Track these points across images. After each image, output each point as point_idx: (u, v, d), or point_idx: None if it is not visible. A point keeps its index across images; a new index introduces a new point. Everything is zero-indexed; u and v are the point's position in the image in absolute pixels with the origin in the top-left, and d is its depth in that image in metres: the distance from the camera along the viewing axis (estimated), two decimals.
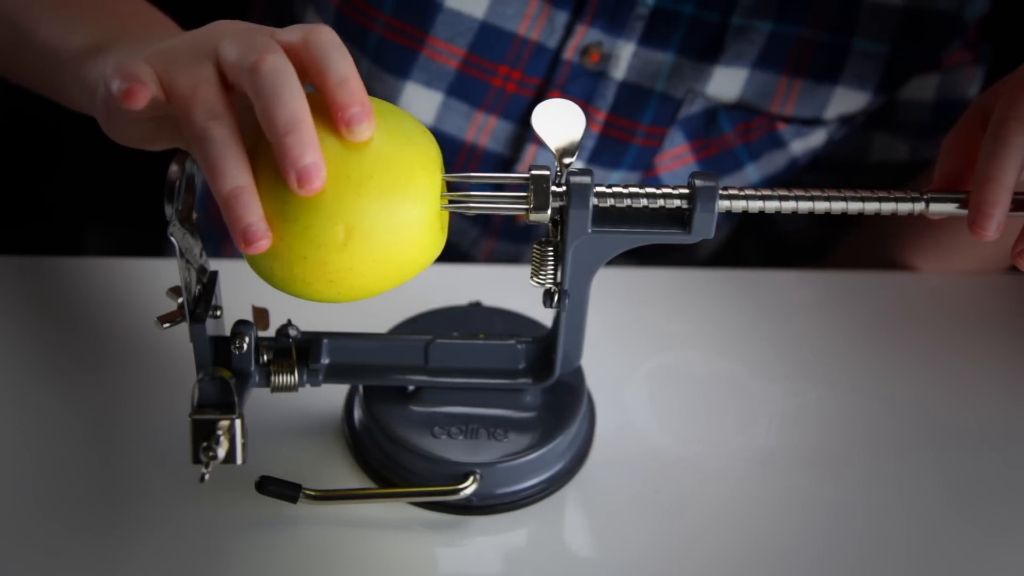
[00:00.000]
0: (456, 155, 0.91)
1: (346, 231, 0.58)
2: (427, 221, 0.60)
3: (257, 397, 0.69)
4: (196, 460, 0.58)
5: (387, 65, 0.88)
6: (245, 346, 0.65)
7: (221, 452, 0.58)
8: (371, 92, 0.88)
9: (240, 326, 0.66)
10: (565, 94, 0.87)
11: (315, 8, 0.89)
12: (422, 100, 0.88)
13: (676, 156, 0.90)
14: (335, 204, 0.57)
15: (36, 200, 1.16)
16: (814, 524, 0.70)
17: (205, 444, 0.58)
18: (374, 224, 0.58)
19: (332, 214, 0.57)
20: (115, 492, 0.69)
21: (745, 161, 0.92)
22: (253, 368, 0.67)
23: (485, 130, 0.90)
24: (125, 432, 0.73)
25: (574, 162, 0.61)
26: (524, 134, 0.89)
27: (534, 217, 0.62)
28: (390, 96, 0.89)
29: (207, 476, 0.59)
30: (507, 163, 0.91)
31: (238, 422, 0.58)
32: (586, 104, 0.87)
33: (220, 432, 0.58)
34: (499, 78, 0.87)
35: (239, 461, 0.59)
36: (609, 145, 0.89)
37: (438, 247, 0.62)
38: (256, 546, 0.67)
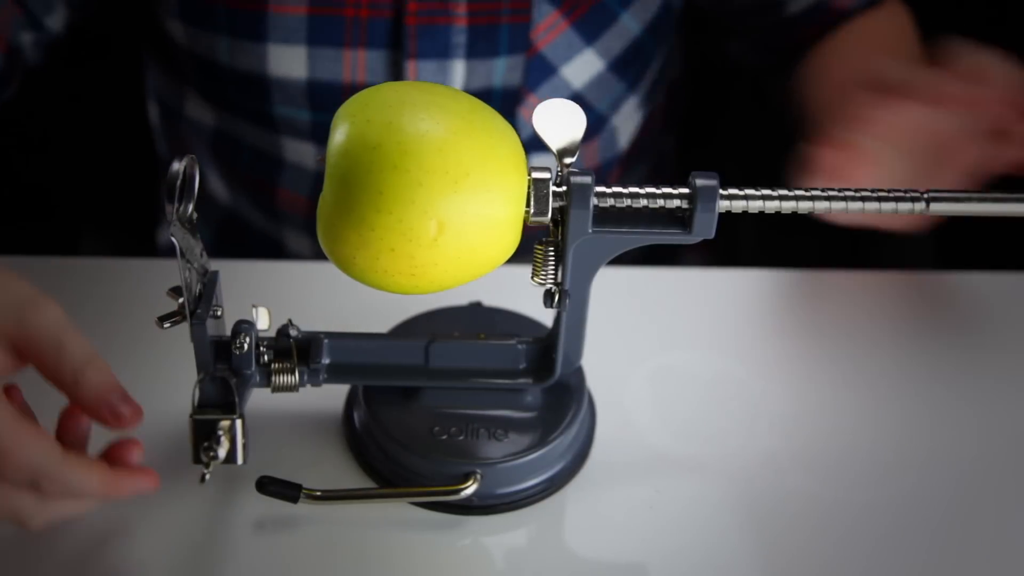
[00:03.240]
0: (342, 99, 0.91)
1: (438, 226, 0.58)
2: (513, 220, 0.60)
3: (257, 397, 0.69)
4: (197, 460, 0.58)
5: (243, 34, 0.88)
6: (245, 346, 0.65)
7: (222, 452, 0.58)
8: (236, 65, 0.91)
9: (240, 326, 0.66)
10: None
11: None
12: (289, 58, 0.89)
13: (551, 26, 0.89)
14: (430, 198, 0.57)
15: (31, 204, 1.16)
16: (814, 524, 0.70)
17: (206, 444, 0.58)
18: (466, 221, 0.58)
19: (426, 208, 0.57)
20: None
21: (618, 10, 0.91)
22: (253, 368, 0.67)
23: (359, 66, 0.89)
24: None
25: (573, 161, 0.61)
26: (397, 56, 0.89)
27: (534, 220, 0.62)
28: (258, 63, 0.89)
29: (208, 476, 0.59)
30: None
31: (239, 422, 0.58)
32: (446, 3, 0.87)
33: (221, 432, 0.58)
34: (350, 7, 0.87)
35: (240, 461, 0.59)
36: (480, 34, 0.89)
37: (515, 246, 0.62)
38: (256, 546, 0.67)
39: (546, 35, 0.90)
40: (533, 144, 0.86)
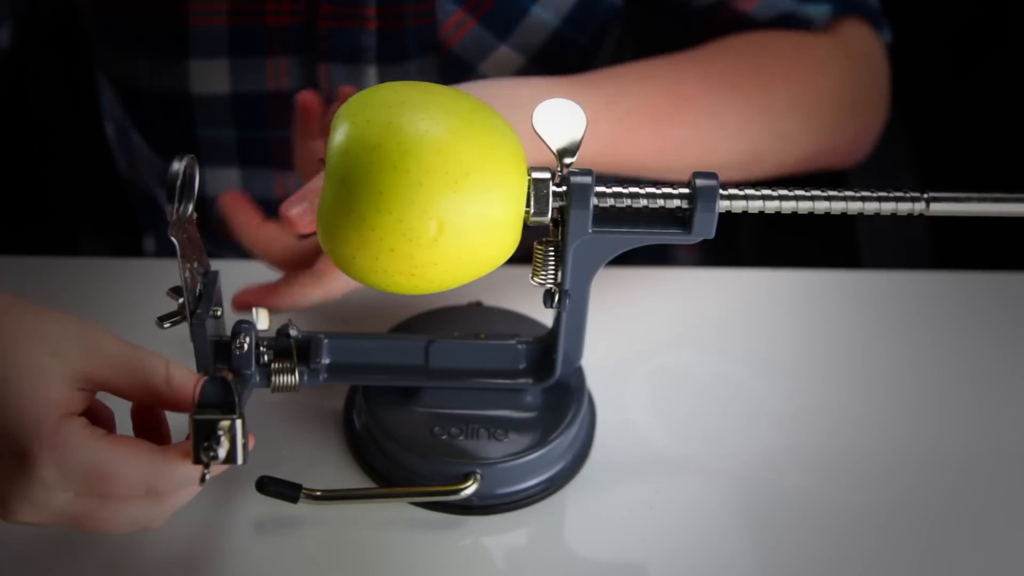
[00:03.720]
0: (267, 112, 0.91)
1: (438, 226, 0.58)
2: (513, 220, 0.60)
3: (257, 397, 0.69)
4: (197, 460, 0.58)
5: (165, 52, 0.88)
6: (245, 346, 0.65)
7: (222, 452, 0.58)
8: (158, 86, 0.88)
9: (240, 326, 0.66)
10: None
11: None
12: (212, 72, 0.88)
13: (457, 24, 0.88)
14: (430, 199, 0.57)
15: (30, 206, 1.16)
16: (813, 524, 0.70)
17: (206, 444, 0.58)
18: (466, 221, 0.58)
19: (426, 208, 0.57)
20: None
21: (527, 4, 0.89)
22: (253, 368, 0.67)
23: (280, 74, 0.89)
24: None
25: (573, 161, 0.61)
26: (310, 60, 0.88)
27: (534, 220, 0.62)
28: (182, 82, 0.89)
29: (208, 476, 0.59)
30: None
31: (239, 422, 0.58)
32: (356, 7, 0.86)
33: (221, 432, 0.58)
34: (271, 15, 0.86)
35: (240, 461, 0.59)
36: (389, 37, 0.88)
37: (515, 246, 0.62)
38: (256, 546, 0.67)
39: (454, 33, 0.88)
40: None
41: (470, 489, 0.67)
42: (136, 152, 1.01)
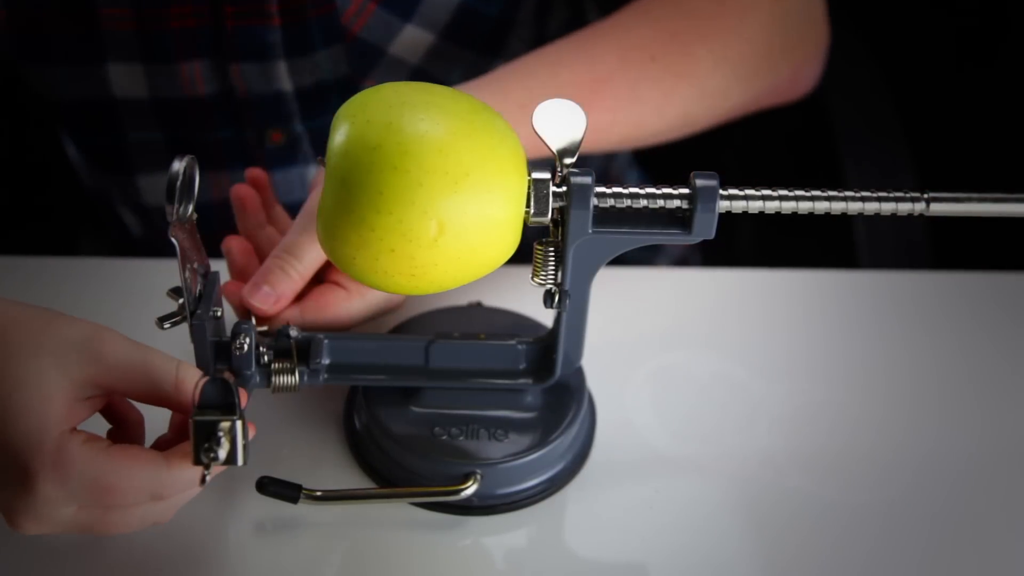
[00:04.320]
0: (188, 115, 0.91)
1: (439, 227, 0.58)
2: (513, 221, 0.60)
3: (257, 397, 0.69)
4: (197, 461, 0.58)
5: (83, 59, 0.87)
6: (245, 347, 0.65)
7: (222, 453, 0.58)
8: (79, 94, 0.88)
9: (240, 326, 0.66)
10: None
11: None
12: (130, 77, 0.88)
13: (359, 10, 0.87)
14: (430, 199, 0.57)
15: (30, 205, 1.16)
16: (813, 524, 0.70)
17: (206, 445, 0.58)
18: (466, 221, 0.58)
19: (426, 209, 0.57)
20: None
21: None
22: (253, 368, 0.67)
23: (196, 77, 0.89)
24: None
25: (573, 161, 0.61)
26: (222, 61, 0.88)
27: (534, 220, 0.62)
28: (100, 86, 0.89)
29: (208, 477, 0.59)
30: (227, 94, 0.90)
31: (239, 423, 0.58)
32: (259, 4, 0.86)
33: (221, 433, 0.58)
34: (176, 19, 0.86)
35: (240, 462, 0.59)
36: (293, 32, 0.87)
37: (515, 246, 0.62)
38: (256, 546, 0.67)
39: (357, 20, 0.88)
40: None
41: (470, 489, 0.67)
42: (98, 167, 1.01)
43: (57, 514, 0.58)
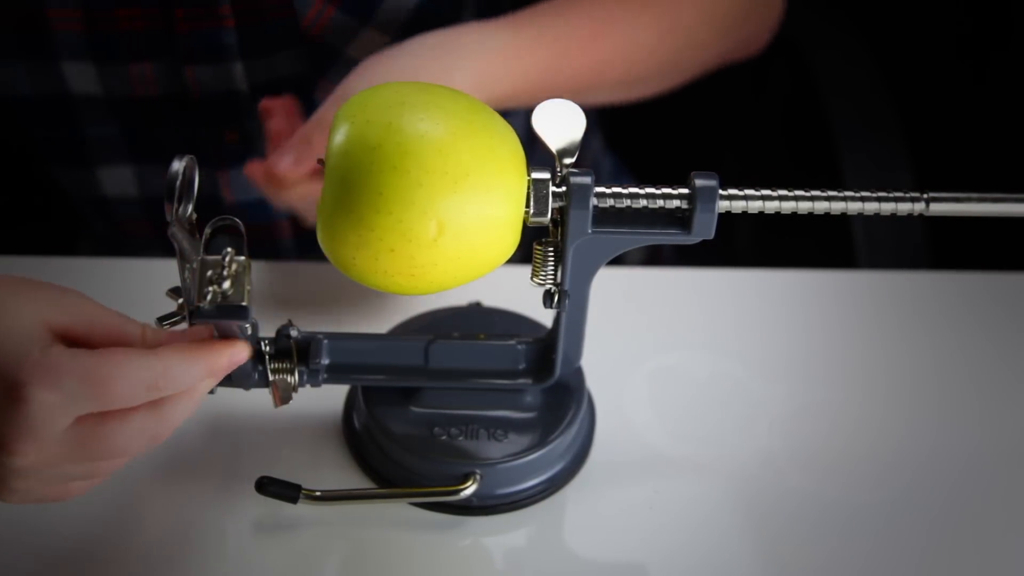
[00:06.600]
0: (141, 113, 0.91)
1: (438, 227, 0.58)
2: (513, 221, 0.60)
3: (257, 397, 0.69)
4: (201, 297, 0.57)
5: (35, 55, 0.87)
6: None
7: (226, 285, 0.56)
8: (38, 90, 0.88)
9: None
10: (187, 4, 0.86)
11: None
12: (82, 75, 0.88)
13: (318, 14, 0.87)
14: (430, 199, 0.58)
15: (29, 205, 1.16)
16: (813, 524, 0.70)
17: (211, 274, 0.56)
18: (466, 221, 0.58)
19: (426, 209, 0.57)
20: (115, 492, 0.69)
21: None
22: (253, 369, 0.67)
23: (147, 78, 0.89)
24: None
25: (571, 161, 0.61)
26: (175, 64, 0.88)
27: (534, 220, 0.62)
28: (57, 85, 0.88)
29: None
30: (180, 95, 0.90)
31: (246, 261, 0.57)
32: (210, 7, 0.85)
33: (226, 262, 0.56)
34: (124, 21, 0.86)
35: (244, 302, 0.57)
36: (249, 33, 0.87)
37: (515, 246, 0.62)
38: (256, 546, 0.67)
39: (316, 24, 0.88)
40: None
41: (470, 489, 0.67)
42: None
43: (51, 428, 0.56)
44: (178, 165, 0.59)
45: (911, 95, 1.13)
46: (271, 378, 0.67)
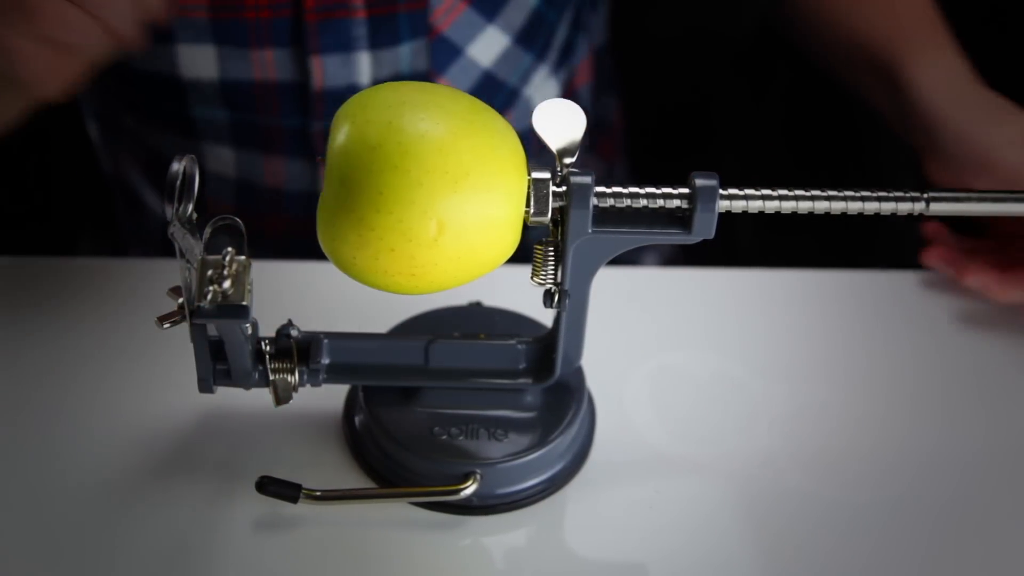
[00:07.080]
0: (256, 99, 0.91)
1: (439, 226, 0.58)
2: (513, 220, 0.60)
3: (257, 397, 0.69)
4: (201, 296, 0.57)
5: (153, 36, 0.87)
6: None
7: (227, 284, 0.56)
8: (149, 68, 0.89)
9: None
10: None
11: None
12: (201, 57, 0.89)
13: (449, 8, 0.89)
14: (430, 199, 0.58)
15: (29, 205, 1.16)
16: (813, 524, 0.70)
17: (211, 273, 0.56)
18: (466, 221, 0.58)
19: (426, 208, 0.58)
20: (115, 492, 0.69)
21: None
22: (253, 368, 0.67)
23: (267, 65, 0.89)
24: (125, 432, 0.73)
25: (573, 160, 0.61)
26: (300, 54, 0.89)
27: (534, 220, 0.62)
28: (171, 63, 0.89)
29: (206, 307, 0.58)
30: (301, 88, 0.91)
31: (246, 261, 0.57)
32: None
33: (227, 265, 0.56)
34: (250, 10, 0.87)
35: (244, 301, 0.57)
36: (380, 24, 0.88)
37: (515, 246, 0.62)
38: (256, 546, 0.67)
39: (445, 18, 0.89)
40: None
41: (470, 489, 0.67)
42: (122, 145, 1.00)
43: None
44: (177, 165, 0.59)
45: None
46: (271, 378, 0.67)
